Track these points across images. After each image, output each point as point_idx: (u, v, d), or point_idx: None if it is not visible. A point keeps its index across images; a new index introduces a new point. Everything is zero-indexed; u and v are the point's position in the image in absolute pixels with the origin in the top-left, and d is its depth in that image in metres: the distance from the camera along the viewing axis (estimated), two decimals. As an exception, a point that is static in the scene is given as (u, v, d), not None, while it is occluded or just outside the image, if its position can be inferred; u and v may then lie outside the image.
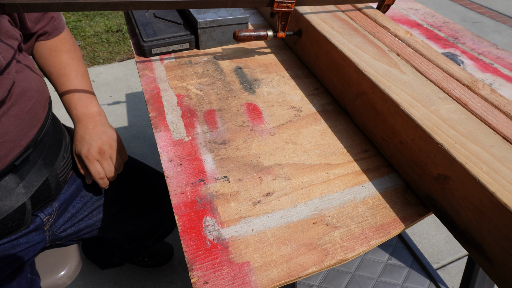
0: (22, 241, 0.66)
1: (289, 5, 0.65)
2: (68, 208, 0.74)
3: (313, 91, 0.69)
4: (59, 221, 0.73)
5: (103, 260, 1.04)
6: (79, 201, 0.75)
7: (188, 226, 0.44)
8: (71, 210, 0.74)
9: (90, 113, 0.72)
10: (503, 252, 0.37)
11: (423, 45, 0.63)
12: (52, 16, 0.72)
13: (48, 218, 0.70)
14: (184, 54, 0.78)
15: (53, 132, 0.69)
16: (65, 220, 0.73)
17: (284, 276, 0.40)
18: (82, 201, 0.75)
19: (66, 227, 0.74)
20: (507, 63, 0.75)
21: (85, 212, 0.76)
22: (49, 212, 0.70)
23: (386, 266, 0.95)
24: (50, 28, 0.72)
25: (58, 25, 0.74)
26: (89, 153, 0.68)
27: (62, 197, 0.72)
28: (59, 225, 0.73)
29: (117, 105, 1.96)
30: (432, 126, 0.45)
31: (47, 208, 0.70)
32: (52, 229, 0.72)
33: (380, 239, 0.44)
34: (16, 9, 0.48)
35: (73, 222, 0.75)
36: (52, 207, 0.70)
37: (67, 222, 0.74)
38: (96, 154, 0.69)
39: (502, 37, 2.82)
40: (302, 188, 0.50)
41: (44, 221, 0.69)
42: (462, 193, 0.41)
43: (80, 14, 2.77)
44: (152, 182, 0.86)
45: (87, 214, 0.76)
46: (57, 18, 0.74)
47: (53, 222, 0.72)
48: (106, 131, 0.71)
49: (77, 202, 0.75)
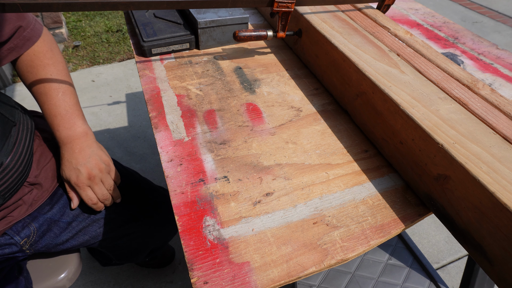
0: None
1: (289, 5, 0.65)
2: (52, 228, 0.70)
3: (313, 91, 0.69)
4: (41, 241, 0.70)
5: (103, 260, 1.04)
6: (65, 220, 0.71)
7: (188, 226, 0.44)
8: (55, 229, 0.70)
9: (75, 135, 0.66)
10: (503, 252, 0.37)
11: (423, 45, 0.63)
12: (20, 25, 0.62)
13: (26, 240, 0.67)
14: (184, 54, 0.78)
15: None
16: (48, 239, 0.70)
17: (284, 276, 0.40)
18: (67, 219, 0.71)
19: (49, 246, 0.71)
20: (507, 63, 0.75)
21: (70, 233, 0.72)
22: (26, 235, 0.67)
23: (386, 266, 0.95)
24: (19, 41, 0.63)
25: (29, 35, 0.64)
26: (78, 180, 0.65)
27: (42, 217, 0.69)
28: (41, 245, 0.70)
29: (117, 105, 1.96)
30: (432, 126, 0.45)
31: (23, 231, 0.67)
32: (34, 247, 0.69)
33: (380, 239, 0.44)
34: (16, 9, 0.48)
35: (57, 242, 0.71)
36: (29, 229, 0.67)
37: (50, 241, 0.70)
38: (86, 180, 0.65)
39: (502, 37, 2.82)
40: (302, 188, 0.50)
41: (21, 243, 0.67)
42: (462, 193, 0.41)
43: (80, 14, 2.77)
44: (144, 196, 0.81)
45: (73, 235, 0.72)
46: (26, 28, 0.63)
47: (34, 242, 0.69)
48: (93, 153, 0.66)
49: (63, 222, 0.71)
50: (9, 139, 0.59)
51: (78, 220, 0.72)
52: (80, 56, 2.32)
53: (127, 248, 0.83)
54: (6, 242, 0.66)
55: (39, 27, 0.67)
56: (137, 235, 0.81)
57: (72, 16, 2.73)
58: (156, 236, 0.85)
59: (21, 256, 0.69)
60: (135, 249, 0.84)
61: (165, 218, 0.84)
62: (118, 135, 1.77)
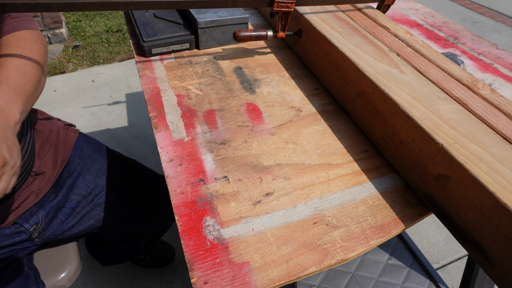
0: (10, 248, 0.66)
1: (289, 5, 0.65)
2: (58, 215, 0.72)
3: (313, 91, 0.69)
4: (49, 229, 0.71)
5: (104, 257, 1.04)
6: (69, 206, 0.73)
7: (188, 226, 0.44)
8: (60, 216, 0.72)
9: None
10: (503, 252, 0.37)
11: (423, 45, 0.63)
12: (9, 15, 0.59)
13: (35, 228, 0.69)
14: (184, 54, 0.78)
15: None
16: (55, 226, 0.72)
17: (284, 276, 0.40)
18: (71, 205, 0.73)
19: (57, 233, 0.73)
20: (507, 63, 0.75)
21: (75, 218, 0.74)
22: (35, 222, 0.68)
23: (386, 266, 0.95)
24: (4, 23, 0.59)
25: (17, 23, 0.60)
26: None
27: (49, 205, 0.71)
28: (49, 232, 0.72)
29: (117, 105, 1.96)
30: (432, 126, 0.45)
31: (32, 218, 0.68)
32: (42, 236, 0.71)
33: (380, 239, 0.44)
34: (16, 9, 0.48)
35: (63, 229, 0.73)
36: (37, 216, 0.69)
37: (57, 228, 0.72)
38: None
39: (502, 37, 2.82)
40: (302, 188, 0.50)
41: (31, 231, 0.68)
42: (462, 193, 0.41)
43: (80, 14, 2.77)
44: (144, 182, 0.84)
45: (78, 220, 0.74)
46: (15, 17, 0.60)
47: (42, 230, 0.70)
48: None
49: (67, 208, 0.73)
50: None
51: (81, 205, 0.73)
52: (80, 56, 2.32)
53: (130, 231, 0.85)
54: (16, 231, 0.67)
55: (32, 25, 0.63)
56: (139, 217, 0.82)
57: (72, 16, 2.73)
58: (157, 220, 0.87)
59: (30, 247, 0.70)
60: (137, 232, 0.86)
61: (166, 203, 0.87)
62: (118, 135, 1.77)
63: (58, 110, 1.89)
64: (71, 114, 1.87)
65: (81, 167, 0.76)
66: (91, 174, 0.76)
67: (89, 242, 1.12)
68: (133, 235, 0.88)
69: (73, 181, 0.74)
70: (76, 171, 0.75)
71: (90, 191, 0.75)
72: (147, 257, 1.22)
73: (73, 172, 0.75)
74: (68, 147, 0.76)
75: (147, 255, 1.21)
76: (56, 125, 0.77)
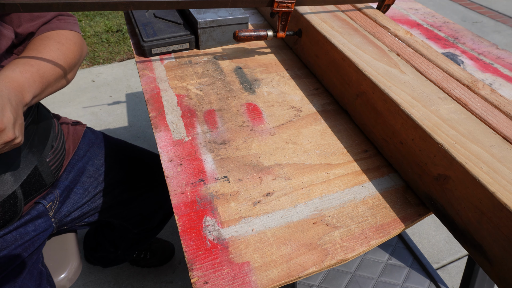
0: (29, 229, 0.68)
1: (289, 5, 0.65)
2: (71, 195, 0.76)
3: (313, 91, 0.69)
4: (63, 208, 0.75)
5: (107, 256, 1.04)
6: (80, 186, 0.77)
7: (188, 226, 0.44)
8: (73, 196, 0.76)
9: (5, 75, 0.52)
10: (503, 252, 0.37)
11: (423, 45, 0.63)
12: (43, 15, 0.63)
13: (51, 205, 0.72)
14: (184, 54, 0.78)
15: (38, 121, 0.68)
16: (68, 206, 0.75)
17: (284, 276, 0.40)
18: (83, 186, 0.77)
19: (70, 211, 0.76)
20: (507, 63, 0.75)
21: (87, 196, 0.78)
22: (51, 199, 0.71)
23: (386, 266, 0.95)
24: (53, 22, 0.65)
25: (60, 25, 0.66)
26: None
27: (62, 184, 0.74)
28: (63, 211, 0.75)
29: (117, 105, 1.96)
30: (432, 126, 0.45)
31: (48, 196, 0.71)
32: (57, 216, 0.74)
33: (380, 239, 0.44)
34: (16, 9, 0.48)
35: (77, 206, 0.77)
36: (53, 194, 0.72)
37: (71, 207, 0.76)
38: None
39: (502, 37, 2.82)
40: (302, 188, 0.50)
41: (47, 207, 0.71)
42: (462, 193, 0.41)
43: (80, 14, 2.77)
44: (147, 161, 0.88)
45: (90, 199, 0.78)
46: (61, 15, 0.67)
47: (57, 209, 0.74)
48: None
49: (78, 188, 0.76)
50: (52, 128, 0.72)
51: (92, 186, 0.79)
52: (80, 56, 2.32)
53: (141, 213, 0.88)
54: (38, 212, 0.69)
55: (75, 27, 0.69)
56: (148, 194, 0.87)
57: (72, 16, 2.73)
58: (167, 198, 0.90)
59: (48, 229, 0.72)
60: (148, 213, 0.90)
61: None
62: (118, 135, 1.77)
63: (58, 110, 1.89)
64: (71, 114, 1.87)
65: (90, 153, 0.81)
66: (100, 158, 0.82)
67: (89, 248, 1.11)
68: (146, 215, 0.91)
69: (84, 165, 0.79)
70: (86, 156, 0.80)
71: (100, 173, 0.80)
72: (147, 256, 1.22)
73: (83, 157, 0.80)
74: (77, 137, 0.82)
75: (148, 254, 1.22)
76: (65, 121, 0.83)
